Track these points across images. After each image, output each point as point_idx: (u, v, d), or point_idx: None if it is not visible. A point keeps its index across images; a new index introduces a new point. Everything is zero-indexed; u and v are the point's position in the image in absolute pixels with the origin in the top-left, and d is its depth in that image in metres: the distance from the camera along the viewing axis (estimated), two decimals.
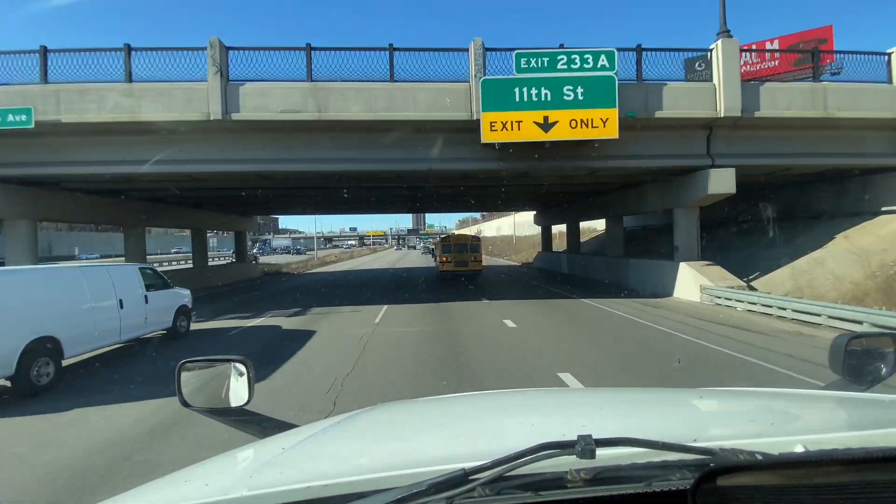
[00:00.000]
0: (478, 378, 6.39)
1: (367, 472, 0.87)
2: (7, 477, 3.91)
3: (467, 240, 22.68)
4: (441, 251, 22.12)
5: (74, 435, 4.70)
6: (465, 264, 21.08)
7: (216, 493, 0.85)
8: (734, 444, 0.85)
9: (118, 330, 7.81)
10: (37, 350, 6.12)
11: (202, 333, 10.37)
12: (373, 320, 11.38)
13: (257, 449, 1.22)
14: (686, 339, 8.67)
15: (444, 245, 22.13)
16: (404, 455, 1.09)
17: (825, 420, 1.27)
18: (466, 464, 0.77)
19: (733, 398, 1.61)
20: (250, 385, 1.42)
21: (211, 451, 1.31)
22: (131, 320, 8.13)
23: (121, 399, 5.70)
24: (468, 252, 21.44)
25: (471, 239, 22.85)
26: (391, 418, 1.52)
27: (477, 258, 21.50)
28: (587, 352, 8.03)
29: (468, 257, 21.25)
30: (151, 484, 1.02)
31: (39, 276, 6.91)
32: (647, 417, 1.37)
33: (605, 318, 11.50)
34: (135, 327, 8.30)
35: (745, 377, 6.23)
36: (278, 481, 0.87)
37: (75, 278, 7.21)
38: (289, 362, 7.46)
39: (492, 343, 8.72)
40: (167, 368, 3.44)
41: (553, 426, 1.28)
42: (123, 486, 2.42)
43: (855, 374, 1.45)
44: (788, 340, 8.45)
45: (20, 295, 6.19)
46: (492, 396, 1.97)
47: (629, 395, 1.92)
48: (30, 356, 6.01)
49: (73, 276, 7.23)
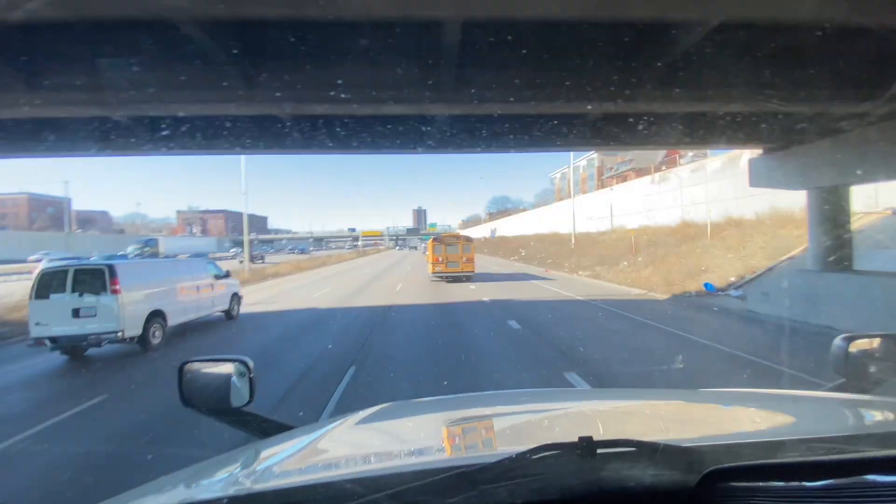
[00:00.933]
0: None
1: (367, 472, 0.89)
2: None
3: (459, 240, 21.64)
4: (432, 252, 21.32)
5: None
6: (457, 265, 20.56)
7: (216, 494, 0.85)
8: (734, 444, 0.86)
9: (197, 308, 10.20)
10: (152, 319, 8.50)
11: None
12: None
13: (258, 449, 1.22)
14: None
15: (434, 246, 21.35)
16: (405, 455, 1.10)
17: (826, 422, 1.26)
18: (467, 464, 0.78)
19: (734, 399, 1.60)
20: (252, 385, 1.43)
21: (212, 451, 1.31)
22: (204, 302, 10.52)
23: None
24: (459, 253, 20.78)
25: (462, 239, 21.83)
26: (393, 418, 1.52)
27: (469, 259, 20.82)
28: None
29: (459, 258, 20.65)
30: (152, 484, 1.03)
31: (150, 266, 9.32)
32: (647, 418, 1.37)
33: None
34: (207, 307, 10.69)
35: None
36: (279, 481, 0.88)
37: (171, 268, 9.61)
38: None
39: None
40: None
41: (553, 427, 1.29)
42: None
43: (857, 376, 1.44)
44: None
45: (142, 279, 8.58)
46: (493, 397, 1.98)
47: (629, 396, 1.93)
48: (149, 323, 8.38)
49: (169, 266, 9.63)
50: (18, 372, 7.57)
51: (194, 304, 10.09)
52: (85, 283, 7.78)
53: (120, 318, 7.79)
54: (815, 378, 4.45)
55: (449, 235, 23.46)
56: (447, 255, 20.65)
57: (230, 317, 11.88)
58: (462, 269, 20.61)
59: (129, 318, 7.97)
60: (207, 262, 11.25)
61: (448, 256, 20.64)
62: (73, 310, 7.66)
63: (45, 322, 7.67)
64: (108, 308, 7.71)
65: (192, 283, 10.07)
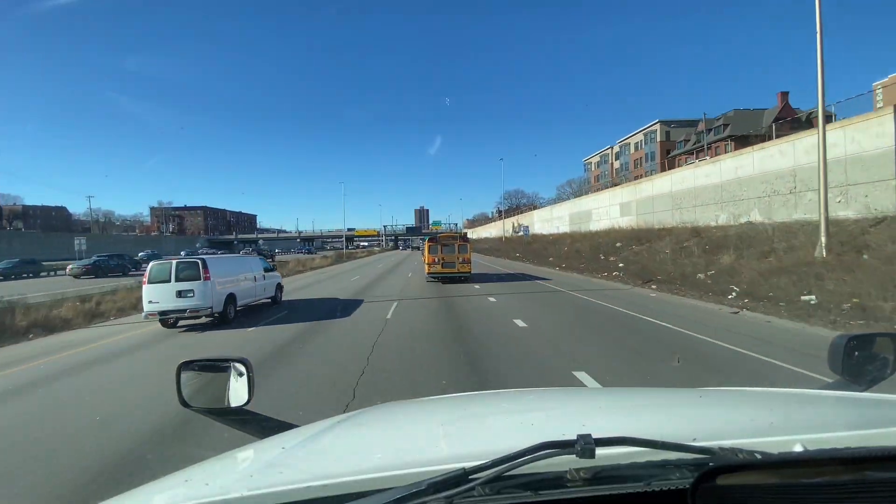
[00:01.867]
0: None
1: (366, 471, 0.88)
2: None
3: (455, 240, 21.26)
4: (428, 252, 20.83)
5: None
6: (453, 265, 20.27)
7: (216, 493, 0.86)
8: (733, 443, 0.85)
9: (254, 293, 13.12)
10: (229, 299, 11.39)
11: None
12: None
13: (257, 449, 1.23)
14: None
15: (430, 247, 20.87)
16: (404, 454, 1.10)
17: (824, 420, 1.26)
18: (466, 463, 0.78)
19: (732, 398, 1.62)
20: (250, 385, 1.43)
21: (213, 451, 1.32)
22: (259, 289, 13.43)
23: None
24: (456, 253, 20.38)
25: (459, 239, 21.44)
26: (391, 418, 1.54)
27: (465, 259, 20.40)
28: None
29: (455, 258, 20.27)
30: (152, 484, 1.04)
31: (226, 260, 12.30)
32: (646, 417, 1.38)
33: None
34: (260, 293, 13.61)
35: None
36: (278, 481, 0.88)
37: (239, 262, 12.55)
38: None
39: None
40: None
41: (552, 426, 1.29)
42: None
43: (854, 374, 1.45)
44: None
45: (222, 270, 11.47)
46: (492, 396, 1.99)
47: (629, 394, 1.95)
48: (226, 301, 11.27)
49: (238, 261, 12.58)
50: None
51: (252, 290, 13.00)
52: (184, 272, 10.68)
53: (210, 297, 10.69)
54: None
55: (446, 236, 22.63)
56: (443, 256, 20.38)
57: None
58: (459, 270, 20.27)
59: (216, 298, 10.87)
60: (261, 259, 14.23)
61: (444, 257, 20.37)
62: (176, 291, 10.56)
63: (155, 300, 10.57)
64: (202, 290, 10.60)
65: (251, 275, 13.01)
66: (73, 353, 8.88)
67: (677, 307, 11.59)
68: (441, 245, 20.61)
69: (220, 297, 11.07)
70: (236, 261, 13.24)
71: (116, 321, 12.80)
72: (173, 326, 11.02)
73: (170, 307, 10.55)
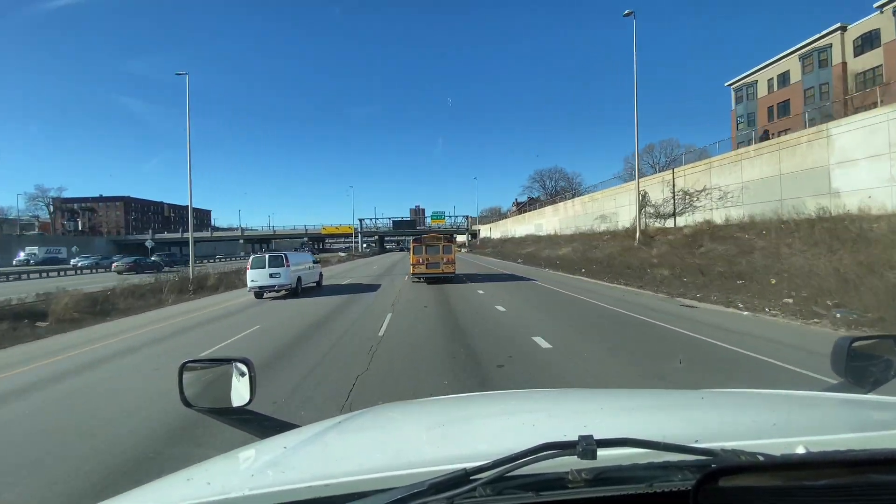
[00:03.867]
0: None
1: (368, 472, 0.89)
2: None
3: (440, 241, 21.64)
4: (413, 253, 21.26)
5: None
6: (437, 266, 20.70)
7: (217, 493, 0.87)
8: (736, 445, 0.85)
9: (309, 278, 20.06)
10: (298, 281, 18.28)
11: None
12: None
13: (259, 449, 1.24)
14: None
15: (415, 247, 21.30)
16: (405, 455, 1.11)
17: (827, 422, 1.26)
18: (467, 464, 0.78)
19: (735, 399, 1.62)
20: (252, 385, 1.45)
21: (214, 451, 1.36)
22: (311, 275, 20.38)
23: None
24: (440, 253, 20.86)
25: (444, 240, 21.85)
26: (392, 418, 1.56)
27: (449, 260, 20.90)
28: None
29: (439, 258, 20.73)
30: (153, 484, 1.05)
31: (296, 254, 19.37)
32: (648, 418, 1.39)
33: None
34: (311, 279, 20.53)
35: None
36: (279, 481, 0.89)
37: (302, 256, 19.70)
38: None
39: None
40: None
41: (554, 426, 1.29)
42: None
43: (857, 377, 1.45)
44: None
45: (295, 260, 18.38)
46: (493, 397, 2.01)
47: (630, 395, 1.95)
48: (297, 281, 18.17)
49: (302, 255, 19.75)
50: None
51: (309, 275, 19.91)
52: (274, 262, 17.48)
53: (290, 278, 17.52)
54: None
55: (430, 236, 22.52)
56: (427, 257, 20.83)
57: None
58: (443, 271, 20.78)
59: (292, 279, 17.74)
60: (311, 253, 21.25)
61: (429, 258, 20.83)
62: (269, 274, 17.37)
63: (255, 280, 17.39)
64: (286, 273, 17.42)
65: (308, 264, 19.92)
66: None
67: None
68: (426, 246, 21.20)
69: (294, 278, 17.90)
70: (301, 255, 20.47)
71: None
72: (260, 297, 17.79)
73: (265, 284, 17.36)
